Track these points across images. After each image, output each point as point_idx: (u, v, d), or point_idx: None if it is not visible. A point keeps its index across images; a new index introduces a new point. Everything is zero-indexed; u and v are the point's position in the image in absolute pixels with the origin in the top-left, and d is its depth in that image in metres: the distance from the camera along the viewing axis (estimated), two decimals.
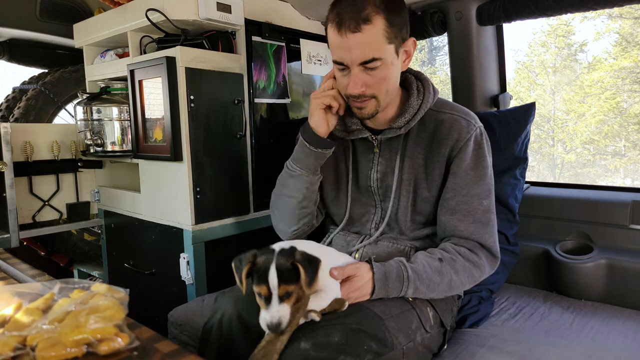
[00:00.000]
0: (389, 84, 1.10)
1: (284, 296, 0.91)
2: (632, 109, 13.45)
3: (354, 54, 1.04)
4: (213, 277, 1.61)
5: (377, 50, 1.03)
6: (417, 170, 1.18)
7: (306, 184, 1.24)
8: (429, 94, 1.17)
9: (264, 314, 0.92)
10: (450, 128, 1.15)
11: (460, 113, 1.18)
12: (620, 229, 1.55)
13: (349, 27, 1.01)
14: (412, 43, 1.13)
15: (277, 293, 0.90)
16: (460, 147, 1.13)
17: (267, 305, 0.91)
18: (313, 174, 1.24)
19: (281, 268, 0.91)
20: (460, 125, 1.15)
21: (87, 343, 0.71)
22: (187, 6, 1.51)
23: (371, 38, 1.02)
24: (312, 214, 1.32)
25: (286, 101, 1.81)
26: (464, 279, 1.11)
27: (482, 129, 1.18)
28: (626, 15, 13.61)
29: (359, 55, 1.03)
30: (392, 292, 1.04)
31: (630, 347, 1.19)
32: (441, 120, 1.17)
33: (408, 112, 1.15)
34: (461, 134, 1.14)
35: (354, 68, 1.06)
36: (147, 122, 1.63)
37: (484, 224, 1.14)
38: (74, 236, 2.40)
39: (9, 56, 2.31)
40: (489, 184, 1.16)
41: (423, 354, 1.09)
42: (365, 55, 1.03)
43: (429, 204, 1.19)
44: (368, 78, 1.07)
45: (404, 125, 1.16)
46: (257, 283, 0.93)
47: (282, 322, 0.90)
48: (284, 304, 0.91)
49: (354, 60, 1.04)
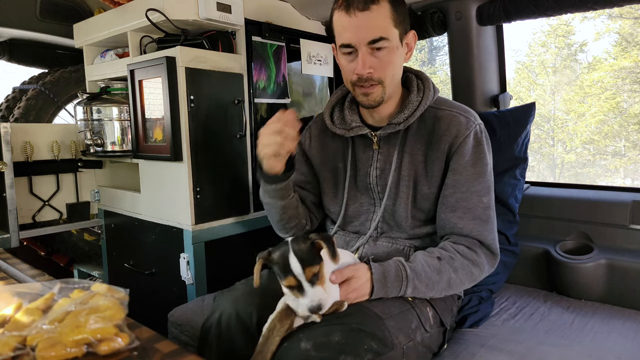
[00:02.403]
0: (394, 69, 1.13)
1: (313, 279, 0.91)
2: (632, 109, 13.46)
3: (362, 33, 1.07)
4: (213, 277, 1.61)
5: (385, 30, 1.07)
6: (417, 167, 1.18)
7: (280, 210, 1.28)
8: (429, 91, 1.18)
9: (302, 301, 0.92)
10: (449, 124, 1.15)
11: (459, 110, 1.18)
12: (620, 229, 1.55)
13: (357, 7, 1.05)
14: (413, 36, 1.17)
15: (305, 278, 0.91)
16: (459, 144, 1.14)
17: (301, 293, 0.92)
18: (282, 199, 1.26)
19: (299, 253, 0.91)
20: (459, 121, 1.15)
21: (87, 343, 0.71)
22: (187, 6, 1.51)
23: (379, 17, 1.06)
24: (299, 224, 1.35)
25: (286, 101, 1.82)
26: (463, 277, 1.11)
27: (481, 126, 1.18)
28: (626, 15, 13.61)
29: (367, 33, 1.07)
30: (391, 292, 1.04)
31: (631, 347, 1.19)
32: (440, 116, 1.17)
33: (408, 109, 1.16)
34: (460, 130, 1.14)
35: (361, 48, 1.08)
36: (147, 122, 1.63)
37: (483, 221, 1.14)
38: (74, 236, 2.40)
39: (9, 56, 2.31)
40: (489, 181, 1.16)
41: (423, 353, 1.09)
42: (374, 34, 1.07)
43: (428, 201, 1.18)
44: (375, 61, 1.10)
45: (403, 122, 1.16)
46: (283, 277, 0.93)
47: (322, 304, 0.91)
48: (317, 286, 0.91)
49: (362, 39, 1.07)
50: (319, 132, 1.35)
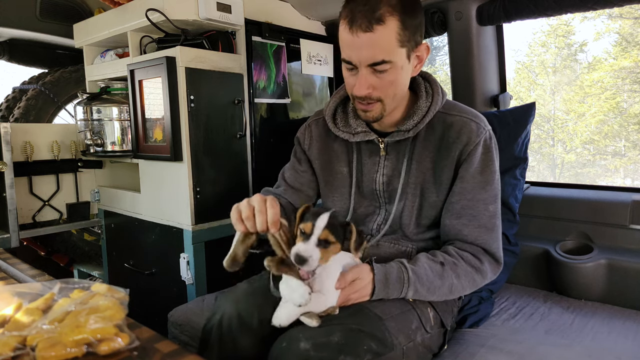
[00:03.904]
0: (396, 88, 1.07)
1: (323, 242, 0.92)
2: (632, 109, 13.46)
3: (363, 54, 1.00)
4: (213, 277, 1.61)
5: (388, 53, 1.00)
6: (425, 174, 1.16)
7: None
8: (438, 96, 1.14)
9: (297, 246, 0.92)
10: (459, 131, 1.12)
11: (470, 115, 1.15)
12: (620, 229, 1.55)
13: (360, 26, 0.98)
14: (426, 48, 1.09)
15: (318, 234, 0.92)
16: (469, 151, 1.11)
17: (304, 241, 0.93)
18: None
19: (333, 221, 0.93)
20: (470, 128, 1.12)
21: (87, 343, 0.71)
22: (187, 6, 1.51)
23: (383, 39, 0.98)
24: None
25: (286, 101, 1.82)
26: (465, 283, 1.09)
27: (491, 132, 1.15)
28: (626, 15, 13.61)
29: (368, 56, 1.00)
30: (392, 294, 1.04)
31: (631, 347, 1.19)
32: (450, 123, 1.14)
33: (416, 115, 1.13)
34: (471, 137, 1.11)
35: (362, 69, 1.03)
36: (147, 122, 1.63)
37: (488, 229, 1.12)
38: (74, 236, 2.40)
39: (9, 56, 2.31)
40: (496, 189, 1.14)
41: (423, 354, 1.08)
42: (375, 57, 1.00)
43: (435, 209, 1.16)
44: (376, 80, 1.04)
45: (412, 128, 1.13)
46: (305, 221, 0.94)
47: (309, 261, 0.90)
48: (318, 248, 0.92)
49: (363, 60, 1.01)
50: (320, 132, 1.31)
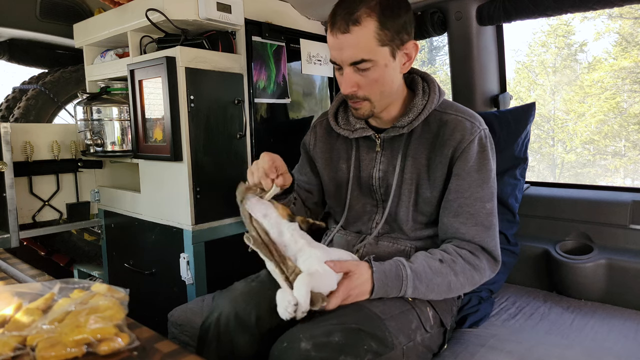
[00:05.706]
0: (383, 86, 1.10)
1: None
2: (632, 109, 13.46)
3: (344, 55, 1.06)
4: (213, 277, 1.61)
5: (367, 52, 1.04)
6: (420, 170, 1.18)
7: None
8: (434, 95, 1.17)
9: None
10: (453, 129, 1.14)
11: (464, 114, 1.17)
12: (620, 229, 1.55)
13: (339, 28, 1.04)
14: (413, 46, 1.12)
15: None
16: (463, 149, 1.13)
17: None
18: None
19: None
20: (464, 126, 1.14)
21: (87, 343, 0.71)
22: (187, 6, 1.51)
23: (360, 40, 1.03)
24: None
25: (286, 101, 1.82)
26: (464, 281, 1.10)
27: (486, 131, 1.17)
28: (626, 15, 13.62)
29: (348, 55, 1.05)
30: (391, 292, 1.04)
31: (630, 347, 1.19)
32: (445, 121, 1.16)
33: (412, 112, 1.15)
34: (464, 135, 1.13)
35: (345, 68, 1.08)
36: (147, 122, 1.63)
37: (486, 228, 1.13)
38: (74, 236, 2.40)
39: (9, 56, 2.31)
40: (492, 187, 1.16)
41: (423, 353, 1.09)
42: (355, 56, 1.05)
43: (430, 205, 1.18)
44: (360, 79, 1.09)
45: (407, 125, 1.15)
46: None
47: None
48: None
49: (345, 60, 1.07)
50: (324, 132, 1.35)
